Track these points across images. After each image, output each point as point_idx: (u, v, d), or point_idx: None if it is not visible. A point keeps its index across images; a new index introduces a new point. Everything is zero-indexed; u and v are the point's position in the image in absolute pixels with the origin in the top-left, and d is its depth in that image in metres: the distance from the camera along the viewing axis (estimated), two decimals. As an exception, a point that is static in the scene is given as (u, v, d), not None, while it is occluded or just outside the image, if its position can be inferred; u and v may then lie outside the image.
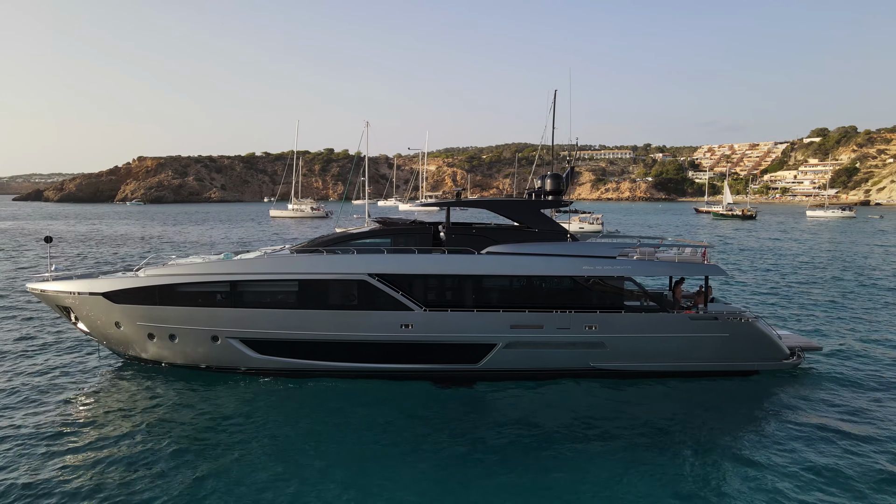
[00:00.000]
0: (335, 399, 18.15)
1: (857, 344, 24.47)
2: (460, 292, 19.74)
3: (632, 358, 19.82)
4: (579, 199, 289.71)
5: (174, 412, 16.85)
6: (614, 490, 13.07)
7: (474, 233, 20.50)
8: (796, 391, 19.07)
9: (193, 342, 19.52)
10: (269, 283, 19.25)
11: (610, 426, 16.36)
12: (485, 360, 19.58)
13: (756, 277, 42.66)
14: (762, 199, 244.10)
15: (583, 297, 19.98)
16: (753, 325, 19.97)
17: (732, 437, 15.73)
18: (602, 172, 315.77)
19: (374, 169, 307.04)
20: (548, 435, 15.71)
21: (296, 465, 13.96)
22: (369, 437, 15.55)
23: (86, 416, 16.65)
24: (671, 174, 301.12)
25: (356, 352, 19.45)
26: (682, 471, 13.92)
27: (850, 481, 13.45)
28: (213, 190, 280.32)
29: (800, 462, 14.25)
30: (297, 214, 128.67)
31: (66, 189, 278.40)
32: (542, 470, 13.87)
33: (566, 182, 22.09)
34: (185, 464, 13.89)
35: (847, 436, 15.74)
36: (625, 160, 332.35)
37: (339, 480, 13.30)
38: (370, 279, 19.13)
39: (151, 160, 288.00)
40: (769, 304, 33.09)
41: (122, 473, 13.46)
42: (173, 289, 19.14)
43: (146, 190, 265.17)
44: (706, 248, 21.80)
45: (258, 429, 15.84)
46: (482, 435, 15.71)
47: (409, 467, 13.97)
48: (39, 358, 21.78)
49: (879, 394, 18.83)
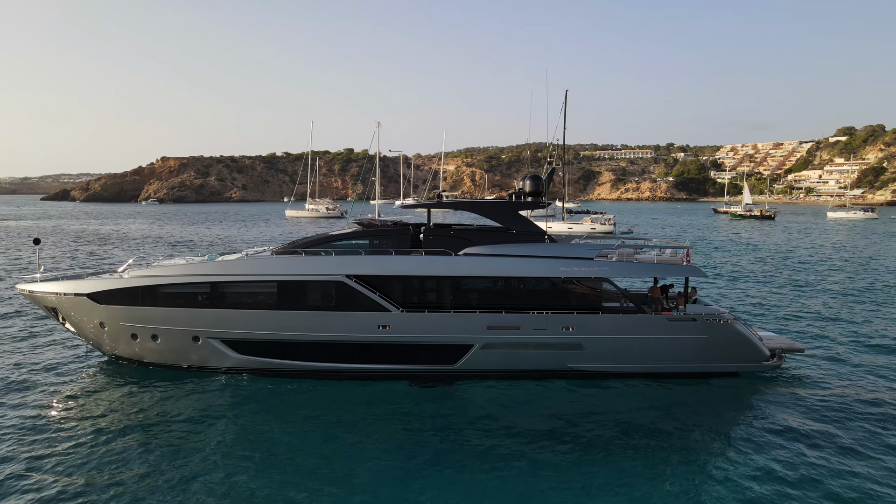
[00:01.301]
0: (314, 399, 18.35)
1: (842, 347, 24.16)
2: (437, 293, 19.86)
3: (609, 359, 19.79)
4: (598, 199, 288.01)
5: (153, 411, 17.14)
6: (591, 491, 13.10)
7: (452, 234, 20.60)
8: (774, 393, 18.91)
9: (175, 342, 19.88)
10: (248, 283, 19.55)
11: (587, 428, 16.36)
12: (462, 361, 19.68)
13: (758, 278, 42.15)
14: (785, 200, 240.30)
15: (560, 298, 19.98)
16: (732, 327, 19.82)
17: (708, 438, 15.66)
18: (622, 172, 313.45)
19: (394, 169, 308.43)
20: (525, 436, 15.74)
21: (272, 464, 14.12)
22: (347, 437, 15.69)
23: (66, 414, 17.04)
24: (692, 174, 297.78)
25: (334, 352, 19.67)
26: (657, 472, 13.89)
27: (825, 483, 13.38)
28: (234, 190, 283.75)
29: (774, 465, 14.17)
30: (313, 214, 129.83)
31: (91, 189, 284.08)
32: (519, 471, 13.91)
33: (546, 183, 22.10)
34: (160, 461, 14.12)
35: (821, 438, 15.62)
36: (646, 160, 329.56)
37: (317, 480, 13.43)
38: (347, 280, 19.34)
39: (174, 160, 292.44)
40: (764, 305, 32.74)
41: (96, 471, 13.74)
42: (155, 290, 19.52)
43: (169, 190, 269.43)
44: (688, 248, 21.66)
45: (236, 428, 16.04)
46: (459, 436, 15.79)
47: (387, 467, 14.07)
48: (27, 356, 22.28)
49: (857, 397, 18.59)
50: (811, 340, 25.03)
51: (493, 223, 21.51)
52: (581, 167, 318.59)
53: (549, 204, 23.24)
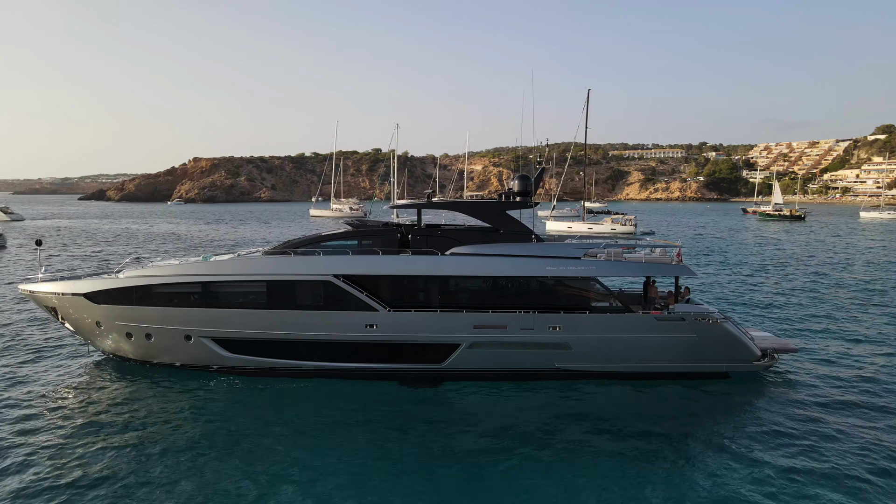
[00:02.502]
0: (303, 398, 18.65)
1: (838, 348, 23.79)
2: (424, 293, 20.01)
3: (597, 359, 19.71)
4: (627, 199, 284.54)
5: (145, 409, 17.56)
6: (578, 492, 13.14)
7: (439, 234, 20.72)
8: (762, 394, 18.75)
9: (168, 341, 20.36)
10: (238, 283, 19.92)
11: (574, 428, 16.38)
12: (449, 360, 19.80)
13: (770, 278, 41.39)
14: (821, 200, 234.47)
15: (546, 297, 19.97)
16: (722, 327, 19.58)
17: (694, 439, 15.62)
18: (651, 172, 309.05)
19: (421, 169, 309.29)
20: (512, 437, 15.81)
21: (260, 462, 14.39)
22: (334, 435, 15.93)
23: (61, 411, 17.58)
24: (724, 173, 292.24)
25: (323, 351, 19.94)
26: (644, 472, 13.92)
27: (808, 484, 13.32)
28: (264, 189, 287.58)
29: (759, 465, 14.15)
30: (336, 214, 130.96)
31: (126, 189, 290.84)
32: (504, 471, 14.00)
33: (535, 184, 22.08)
34: (147, 458, 14.49)
35: (807, 439, 15.52)
36: (676, 159, 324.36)
37: (304, 478, 13.66)
38: (335, 280, 19.60)
39: (206, 161, 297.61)
40: (770, 304, 32.32)
41: (87, 465, 14.18)
42: (149, 290, 20.03)
43: (200, 190, 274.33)
44: (679, 248, 21.44)
45: (224, 426, 16.38)
46: (445, 436, 15.94)
47: (373, 466, 14.27)
48: (27, 354, 22.97)
49: (845, 399, 18.34)
50: (810, 341, 24.64)
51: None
52: (609, 167, 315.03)
53: (538, 204, 23.20)
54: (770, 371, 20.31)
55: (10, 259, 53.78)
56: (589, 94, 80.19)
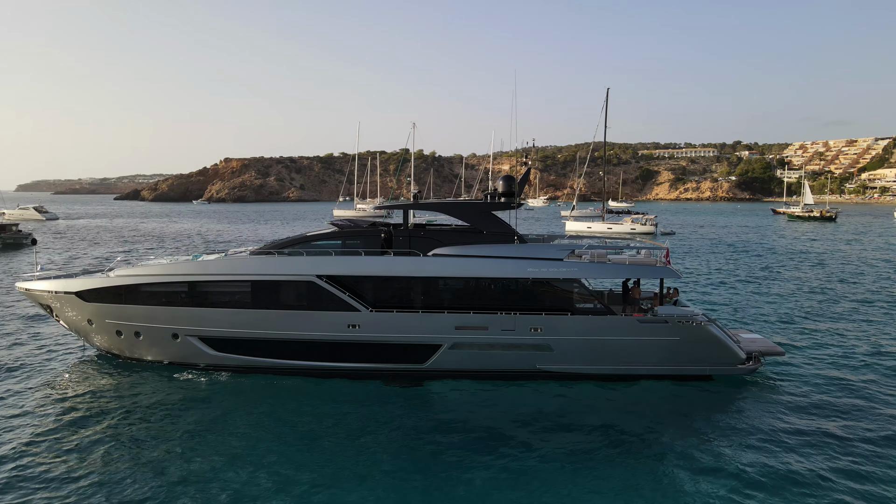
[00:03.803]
0: (286, 396, 18.88)
1: (826, 351, 23.34)
2: (406, 293, 20.11)
3: (579, 360, 19.60)
4: (656, 199, 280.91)
5: (131, 405, 17.89)
6: (558, 491, 13.18)
7: (422, 235, 20.79)
8: (745, 397, 18.51)
9: (156, 339, 20.82)
10: (224, 283, 20.27)
11: (555, 430, 16.35)
12: (431, 361, 19.88)
13: (778, 280, 40.59)
14: (857, 200, 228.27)
15: (528, 299, 19.91)
16: (705, 329, 19.30)
17: (675, 441, 15.51)
18: (682, 171, 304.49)
19: (449, 169, 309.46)
20: (491, 438, 15.82)
21: (241, 458, 14.62)
22: (318, 433, 16.12)
23: (49, 405, 18.09)
24: (757, 173, 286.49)
25: (307, 351, 20.19)
26: (622, 475, 13.88)
27: (786, 487, 13.24)
28: (292, 189, 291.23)
29: (739, 468, 14.04)
30: (360, 213, 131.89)
31: (159, 189, 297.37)
32: (482, 473, 14.02)
33: (520, 184, 22.01)
34: (131, 454, 14.83)
35: (787, 442, 15.38)
36: (707, 158, 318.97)
37: (286, 475, 13.84)
38: (318, 280, 19.82)
39: (237, 161, 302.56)
40: (767, 306, 31.84)
41: (74, 459, 14.56)
42: (137, 288, 20.51)
43: (230, 190, 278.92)
44: (667, 250, 21.16)
45: (209, 424, 16.61)
46: (426, 436, 16.04)
47: (356, 463, 14.44)
48: (22, 350, 23.69)
49: (827, 403, 18.06)
50: (800, 344, 24.21)
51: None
52: (639, 166, 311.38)
53: (522, 205, 23.13)
54: (756, 374, 19.94)
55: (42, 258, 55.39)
56: (608, 93, 79.60)
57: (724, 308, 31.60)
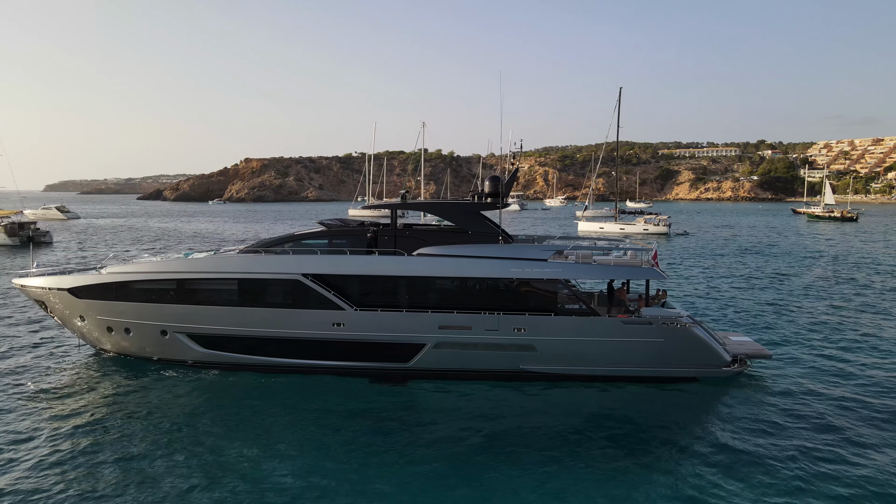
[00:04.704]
0: (272, 392, 19.09)
1: (815, 354, 23.07)
2: (390, 292, 20.21)
3: (563, 361, 19.54)
4: (676, 199, 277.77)
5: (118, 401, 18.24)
6: (539, 492, 13.21)
7: (407, 235, 20.89)
8: (728, 400, 18.34)
9: (145, 336, 21.16)
10: (211, 281, 20.55)
11: (537, 431, 16.36)
12: (415, 360, 19.96)
13: (779, 281, 40.12)
14: (883, 200, 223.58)
15: (511, 299, 19.90)
16: (689, 331, 19.13)
17: (656, 442, 15.48)
18: (703, 171, 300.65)
19: (467, 168, 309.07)
20: (473, 438, 15.88)
21: (227, 455, 14.83)
22: (304, 430, 16.31)
23: (38, 398, 18.55)
24: (780, 172, 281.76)
25: (292, 349, 20.38)
26: (605, 474, 13.89)
27: (766, 492, 13.14)
28: (311, 189, 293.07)
29: (719, 470, 14.01)
30: (375, 213, 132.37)
31: (181, 189, 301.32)
32: (467, 469, 14.14)
33: (507, 185, 22.01)
34: (116, 447, 15.14)
35: (769, 445, 15.28)
36: (729, 158, 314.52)
37: (271, 471, 14.02)
38: (304, 279, 20.00)
39: (256, 161, 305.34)
40: (762, 307, 31.58)
41: (54, 451, 14.92)
42: (127, 285, 20.86)
43: (249, 190, 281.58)
44: (655, 251, 21.00)
45: (194, 421, 16.85)
46: (414, 432, 16.21)
47: (340, 460, 14.62)
48: (17, 342, 24.23)
49: (811, 406, 17.84)
50: (791, 347, 23.92)
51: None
52: (659, 166, 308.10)
53: (508, 205, 23.11)
54: (741, 377, 19.72)
55: (51, 255, 56.61)
56: (621, 92, 78.91)
57: (724, 310, 31.24)
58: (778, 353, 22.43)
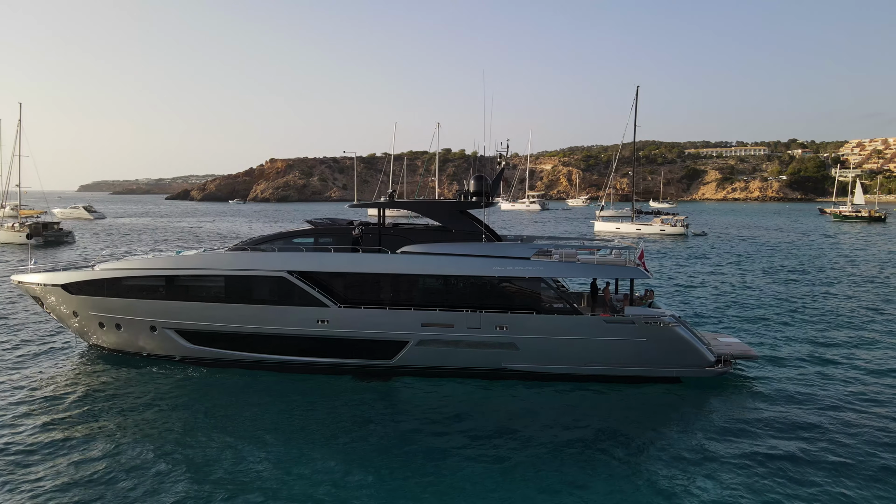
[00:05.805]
0: (258, 389, 19.33)
1: (803, 355, 22.67)
2: (373, 290, 20.33)
3: (544, 360, 19.46)
4: (702, 199, 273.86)
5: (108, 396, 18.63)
6: (519, 489, 13.27)
7: (392, 233, 20.98)
8: (710, 400, 18.17)
9: (135, 332, 21.57)
10: (199, 278, 20.88)
11: (517, 429, 16.40)
12: (398, 357, 20.05)
13: (783, 282, 39.41)
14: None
15: (494, 297, 19.87)
16: (672, 331, 18.91)
17: (636, 442, 15.46)
18: (730, 171, 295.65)
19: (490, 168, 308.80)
20: (452, 436, 15.98)
21: (213, 449, 15.10)
22: (286, 425, 16.55)
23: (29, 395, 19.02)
24: (810, 172, 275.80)
25: (277, 345, 20.61)
26: (583, 473, 13.92)
27: (741, 493, 13.05)
28: (335, 189, 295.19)
29: (699, 470, 13.97)
30: (393, 213, 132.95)
31: (207, 189, 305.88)
32: (448, 465, 14.25)
33: (494, 184, 21.97)
34: (103, 442, 15.47)
35: (748, 446, 15.15)
36: (758, 157, 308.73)
37: (255, 465, 14.28)
38: (289, 276, 20.22)
39: (281, 161, 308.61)
40: (759, 308, 31.22)
41: (42, 444, 15.32)
42: (118, 282, 21.29)
43: (274, 190, 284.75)
44: (642, 251, 20.77)
45: (182, 415, 17.19)
46: (397, 429, 16.33)
47: (320, 454, 14.82)
48: (13, 337, 24.80)
49: (794, 407, 17.60)
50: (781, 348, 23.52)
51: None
52: (685, 166, 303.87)
53: (494, 204, 23.06)
54: (725, 377, 19.44)
55: (71, 254, 57.95)
56: (638, 91, 78.20)
57: (725, 311, 30.74)
58: (767, 354, 22.09)
